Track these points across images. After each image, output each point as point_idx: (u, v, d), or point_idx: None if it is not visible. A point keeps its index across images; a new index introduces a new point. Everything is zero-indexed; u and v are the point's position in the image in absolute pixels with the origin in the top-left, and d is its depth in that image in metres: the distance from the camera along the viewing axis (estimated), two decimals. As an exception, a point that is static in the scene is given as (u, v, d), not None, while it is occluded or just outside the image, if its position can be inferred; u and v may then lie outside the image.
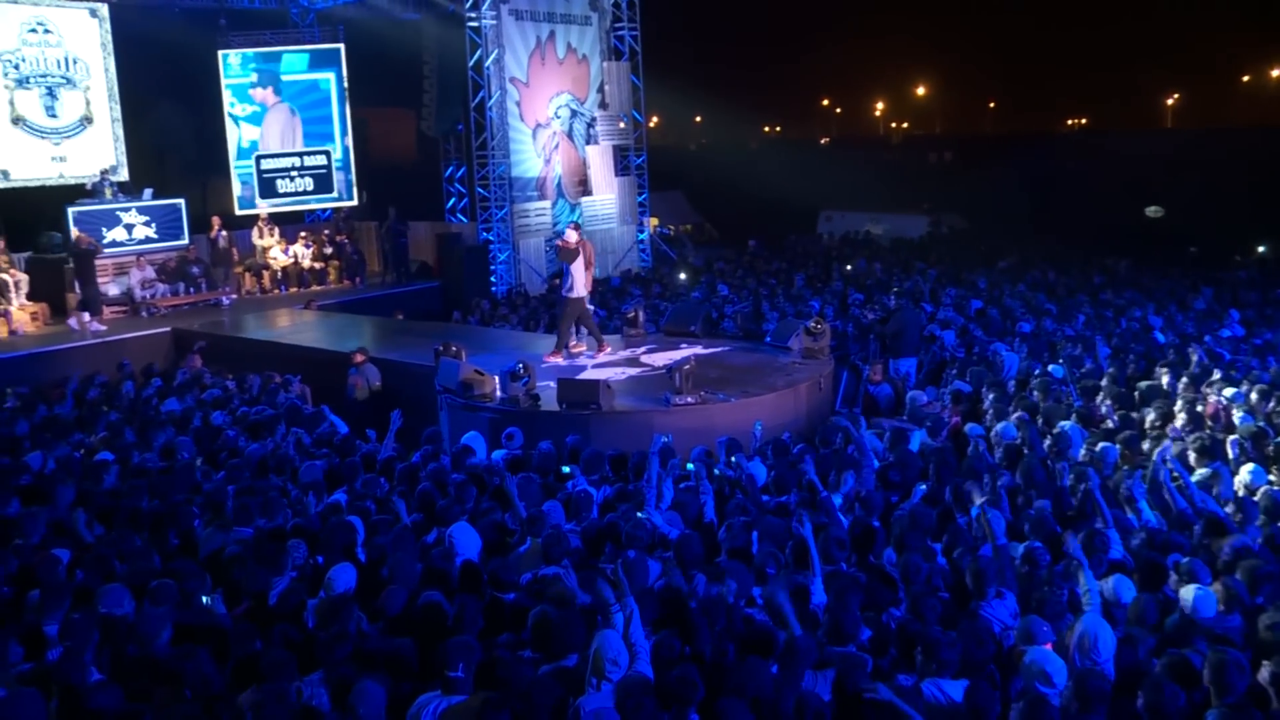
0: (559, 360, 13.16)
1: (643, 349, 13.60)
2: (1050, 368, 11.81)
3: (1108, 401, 10.29)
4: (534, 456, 8.99)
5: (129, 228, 20.55)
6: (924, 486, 8.13)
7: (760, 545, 6.77)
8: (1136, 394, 10.64)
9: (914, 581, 6.16)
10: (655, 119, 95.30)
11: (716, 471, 8.51)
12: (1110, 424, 9.59)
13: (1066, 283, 19.38)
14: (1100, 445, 8.48)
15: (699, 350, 13.53)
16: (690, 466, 8.14)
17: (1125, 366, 12.06)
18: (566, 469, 8.60)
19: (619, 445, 9.60)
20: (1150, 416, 9.66)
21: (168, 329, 18.14)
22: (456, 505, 7.71)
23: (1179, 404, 9.87)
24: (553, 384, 11.16)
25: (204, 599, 6.36)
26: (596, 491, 8.25)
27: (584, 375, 12.06)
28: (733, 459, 8.41)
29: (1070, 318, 15.68)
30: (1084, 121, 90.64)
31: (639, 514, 7.49)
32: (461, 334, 16.25)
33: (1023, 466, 7.93)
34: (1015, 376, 11.60)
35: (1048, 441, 8.73)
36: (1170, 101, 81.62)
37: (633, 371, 12.50)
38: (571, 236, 13.22)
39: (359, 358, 13.72)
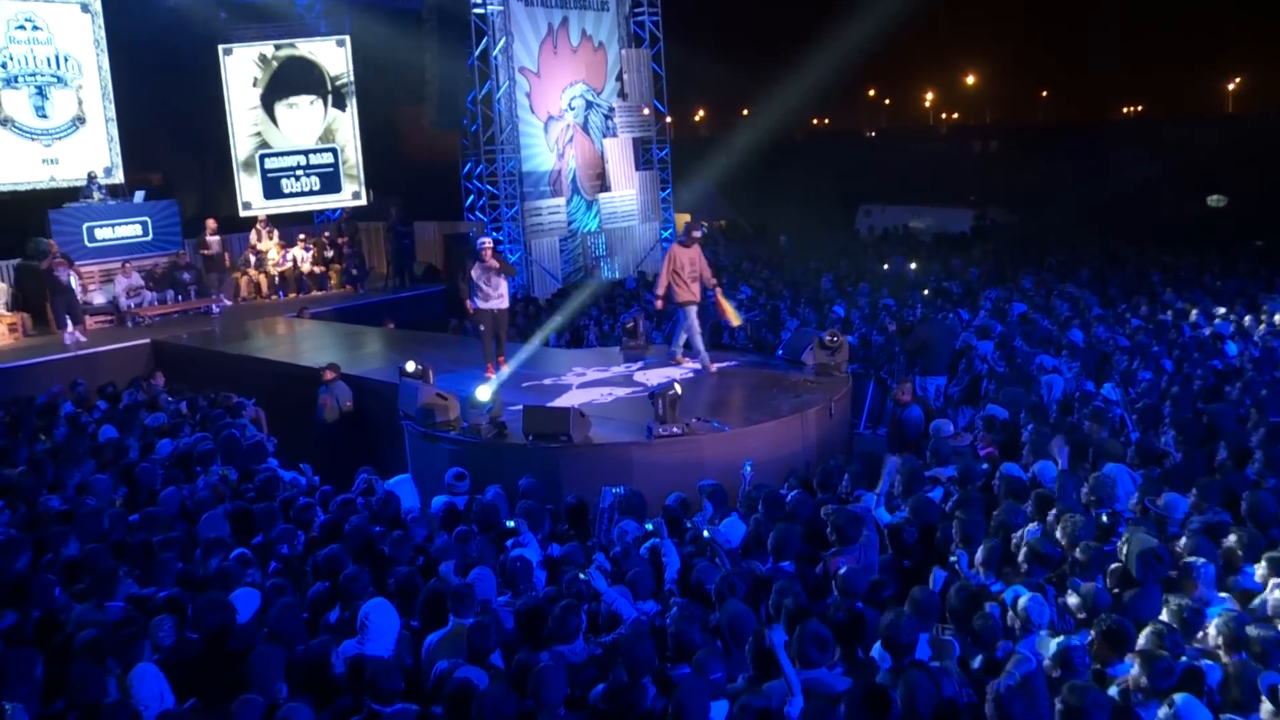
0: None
1: (639, 364, 12.12)
2: (1104, 387, 10.13)
3: (1171, 431, 8.61)
4: (475, 506, 7.55)
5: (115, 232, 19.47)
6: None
7: (714, 639, 5.31)
8: (1205, 420, 8.96)
9: (917, 699, 4.66)
10: (702, 112, 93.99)
11: (690, 525, 7.00)
12: (1173, 460, 7.91)
13: (1121, 281, 17.53)
14: (1165, 498, 6.83)
15: (700, 366, 12.05)
16: (648, 525, 6.65)
17: (1191, 385, 10.35)
18: (511, 523, 7.15)
19: (593, 485, 8.18)
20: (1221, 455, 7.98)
21: (147, 340, 16.99)
22: (362, 576, 6.31)
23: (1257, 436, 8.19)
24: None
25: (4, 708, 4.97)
26: (542, 552, 6.83)
27: (561, 399, 10.64)
28: (706, 520, 6.80)
29: (1125, 324, 13.89)
30: (1139, 109, 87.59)
31: (581, 576, 6.09)
32: (450, 346, 14.91)
33: (1065, 528, 6.32)
34: (1060, 399, 9.97)
35: (1085, 489, 7.10)
36: (1231, 86, 78.46)
37: (622, 392, 11.04)
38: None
39: (329, 375, 12.45)
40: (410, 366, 10.85)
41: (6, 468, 9.83)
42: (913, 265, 19.58)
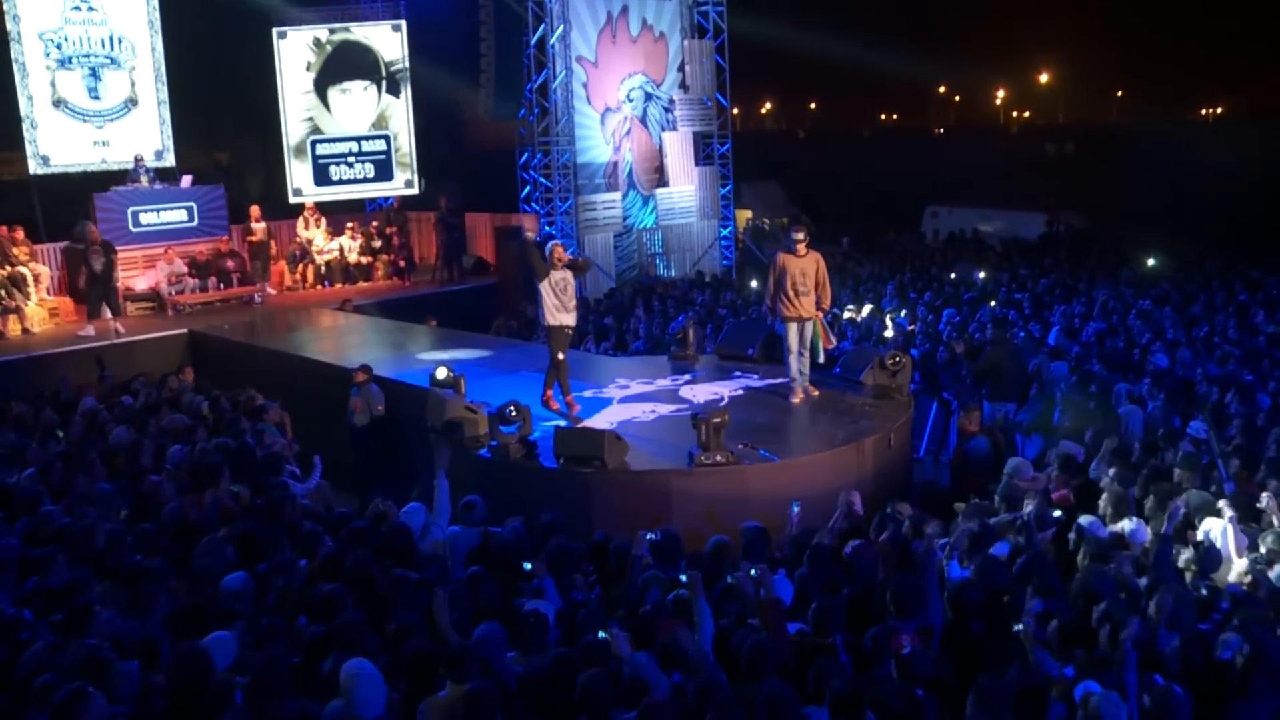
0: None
1: (686, 377, 11.36)
2: (1191, 424, 9.17)
3: (1273, 481, 7.62)
4: (492, 543, 6.85)
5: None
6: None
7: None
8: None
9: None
10: (769, 104, 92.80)
11: (733, 580, 6.21)
12: (1276, 521, 6.96)
13: (1204, 299, 16.25)
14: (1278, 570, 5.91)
15: (753, 381, 11.29)
16: (683, 577, 5.91)
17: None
18: (529, 565, 6.45)
19: (627, 517, 7.48)
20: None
21: (184, 330, 16.59)
22: (359, 624, 5.65)
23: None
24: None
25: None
26: (561, 600, 6.13)
27: (600, 416, 9.94)
28: (751, 572, 6.01)
29: (1210, 348, 12.77)
30: (1219, 111, 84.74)
31: (602, 635, 5.41)
32: (494, 348, 14.27)
33: (1160, 606, 5.47)
34: (1143, 435, 9.05)
35: (1185, 555, 6.19)
36: (1318, 89, 75.53)
37: (666, 409, 10.29)
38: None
39: (360, 376, 11.87)
40: (441, 374, 10.21)
41: (16, 469, 9.36)
42: (981, 274, 18.57)
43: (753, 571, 5.87)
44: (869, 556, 6.45)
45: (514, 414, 8.81)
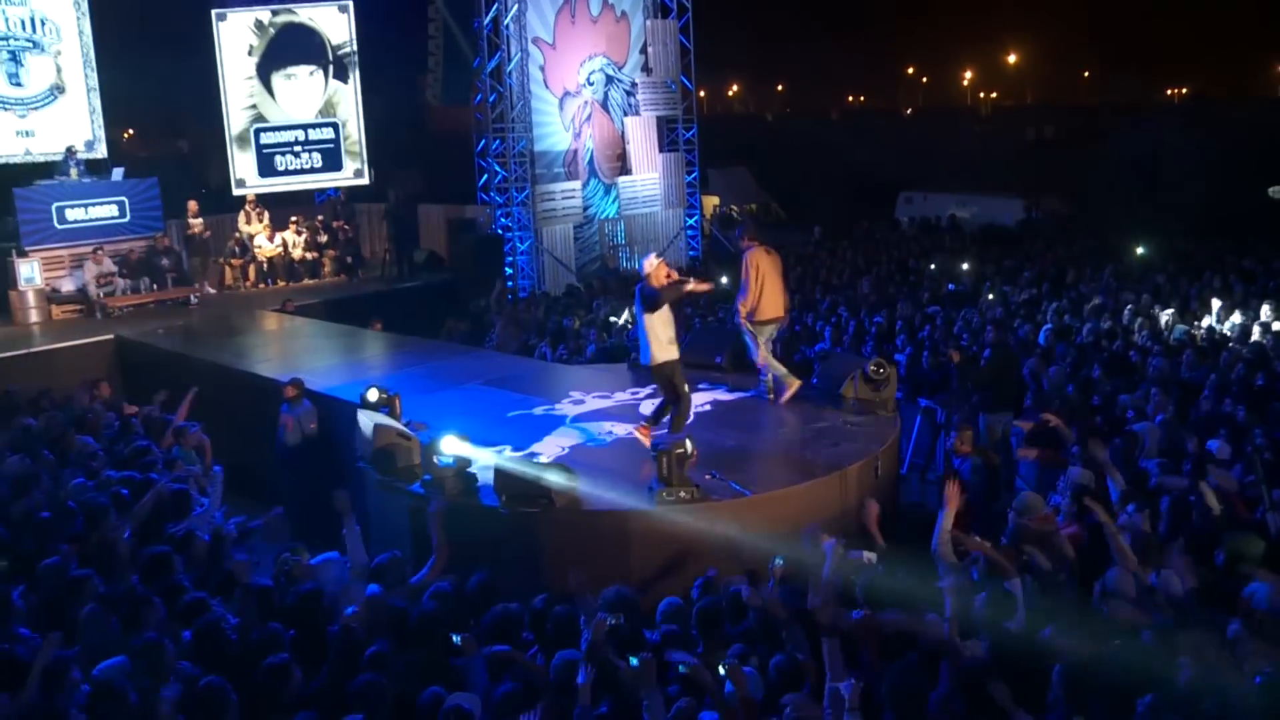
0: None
1: (647, 390, 10.26)
2: (1211, 443, 8.19)
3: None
4: (410, 614, 5.72)
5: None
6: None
7: None
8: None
9: None
10: (736, 87, 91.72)
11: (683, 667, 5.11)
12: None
13: (1197, 292, 15.26)
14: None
15: (721, 394, 10.25)
16: (633, 660, 4.81)
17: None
18: (457, 639, 5.37)
19: (581, 565, 6.40)
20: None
21: (111, 336, 15.36)
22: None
23: None
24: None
25: None
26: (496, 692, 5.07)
27: (549, 440, 8.86)
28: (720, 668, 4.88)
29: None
30: (1184, 91, 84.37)
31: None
32: (442, 356, 13.17)
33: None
34: (1159, 459, 8.06)
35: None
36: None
37: (624, 430, 9.15)
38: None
39: (290, 391, 10.75)
40: (372, 394, 9.08)
41: None
42: (965, 265, 17.56)
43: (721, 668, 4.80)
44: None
45: (451, 443, 7.72)
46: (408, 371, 12.07)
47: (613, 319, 15.25)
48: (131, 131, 43.08)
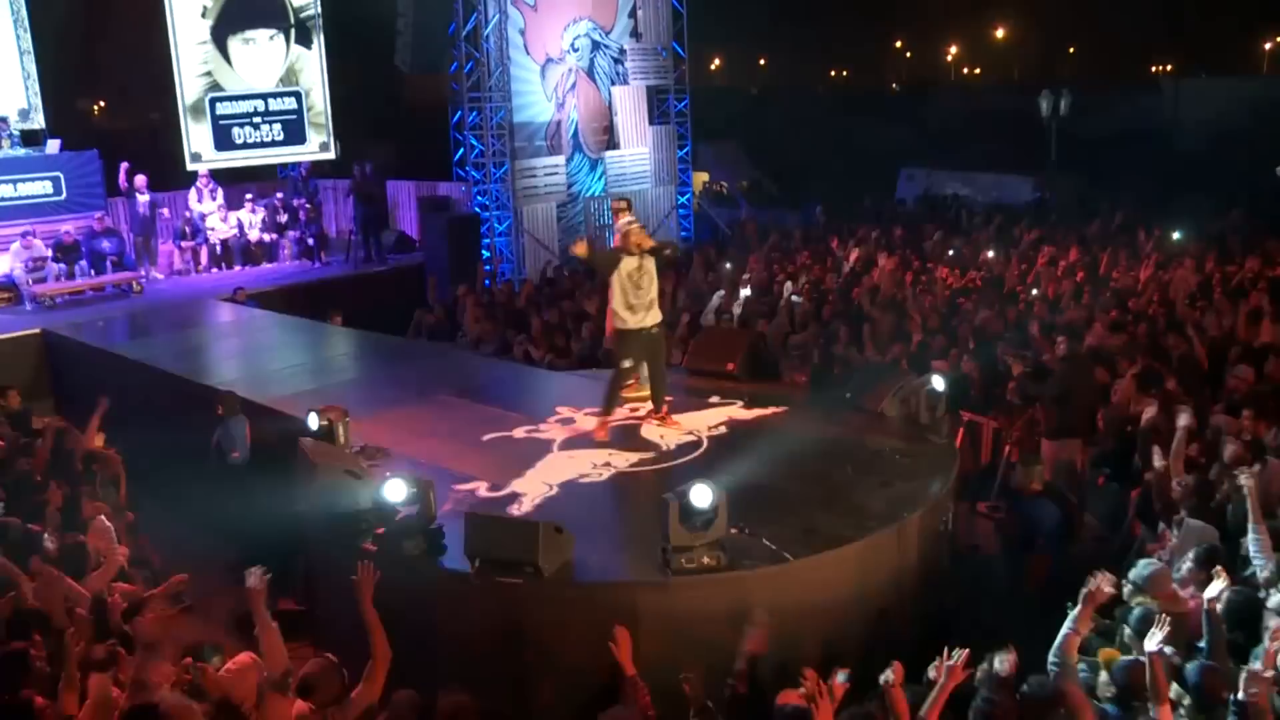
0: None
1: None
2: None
3: None
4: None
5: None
6: None
7: None
8: None
9: None
10: (718, 60, 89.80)
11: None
12: None
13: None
14: None
15: (737, 411, 8.62)
16: None
17: None
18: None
19: (577, 653, 4.85)
20: None
21: (38, 330, 13.67)
22: None
23: None
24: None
25: None
26: None
27: (532, 473, 7.24)
28: None
29: None
30: (1168, 68, 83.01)
31: None
32: (408, 360, 11.53)
33: None
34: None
35: None
36: (1269, 46, 73.98)
37: (625, 461, 7.56)
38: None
39: (220, 409, 9.15)
40: (313, 421, 7.42)
41: None
42: (990, 254, 15.95)
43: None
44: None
45: (409, 488, 6.09)
46: (368, 377, 10.51)
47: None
48: (104, 103, 41.12)
